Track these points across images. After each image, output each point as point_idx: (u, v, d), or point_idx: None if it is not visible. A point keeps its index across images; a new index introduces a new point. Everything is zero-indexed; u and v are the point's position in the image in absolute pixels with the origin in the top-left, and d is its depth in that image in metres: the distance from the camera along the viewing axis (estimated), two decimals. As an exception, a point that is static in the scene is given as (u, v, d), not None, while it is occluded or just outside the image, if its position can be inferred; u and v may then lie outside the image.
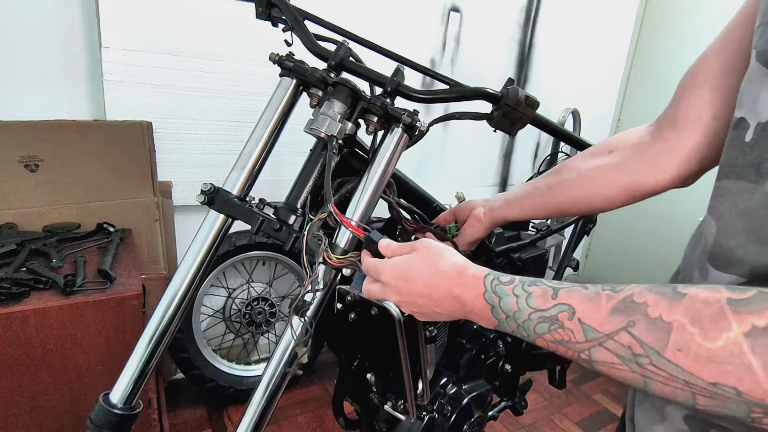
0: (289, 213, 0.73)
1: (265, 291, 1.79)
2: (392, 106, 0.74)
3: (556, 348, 0.39)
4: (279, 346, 0.71)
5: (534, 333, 0.40)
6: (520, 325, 0.42)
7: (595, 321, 0.36)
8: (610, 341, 0.34)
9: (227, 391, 1.65)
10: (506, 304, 0.43)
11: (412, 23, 1.88)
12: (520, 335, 0.43)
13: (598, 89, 2.66)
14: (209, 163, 1.57)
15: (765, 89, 0.39)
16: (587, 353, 0.36)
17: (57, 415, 1.03)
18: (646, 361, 0.32)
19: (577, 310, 0.37)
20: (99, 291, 1.02)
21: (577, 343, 0.37)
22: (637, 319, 0.33)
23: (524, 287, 0.42)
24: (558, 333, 0.38)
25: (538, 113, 0.75)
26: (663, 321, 0.32)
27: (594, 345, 0.35)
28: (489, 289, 0.45)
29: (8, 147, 1.25)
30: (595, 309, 0.36)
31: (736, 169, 0.40)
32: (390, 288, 0.54)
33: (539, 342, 0.40)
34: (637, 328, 0.33)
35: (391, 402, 0.91)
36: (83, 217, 1.34)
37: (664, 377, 0.32)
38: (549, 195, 0.70)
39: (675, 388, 0.31)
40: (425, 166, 2.13)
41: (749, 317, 0.29)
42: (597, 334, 0.35)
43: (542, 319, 0.39)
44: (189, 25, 1.44)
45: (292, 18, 0.81)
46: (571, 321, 0.37)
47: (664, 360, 0.31)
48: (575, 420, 1.84)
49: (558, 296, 0.39)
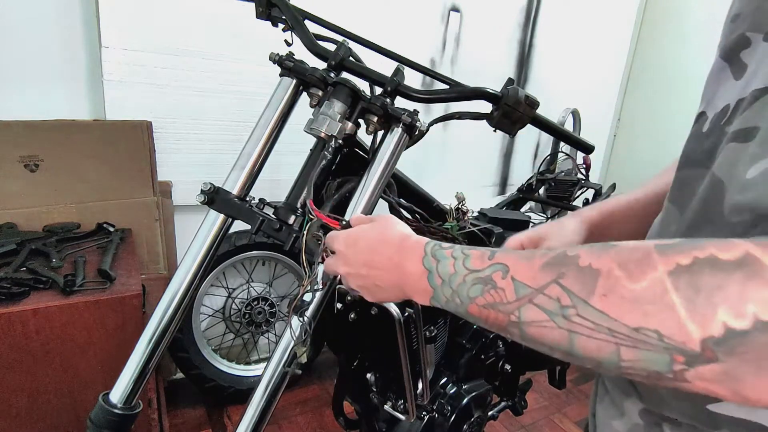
0: (288, 213, 0.73)
1: (265, 291, 1.79)
2: (392, 106, 0.74)
3: (488, 315, 0.38)
4: (279, 346, 0.71)
5: (467, 298, 0.39)
6: (455, 291, 0.41)
7: (527, 277, 0.35)
8: (539, 296, 0.34)
9: (227, 391, 1.64)
10: (443, 267, 0.42)
11: (412, 23, 1.88)
12: (453, 306, 0.41)
13: (598, 89, 2.66)
14: (209, 163, 1.57)
15: (721, 83, 0.40)
16: (517, 314, 0.35)
17: (57, 415, 1.03)
18: (572, 312, 0.32)
19: (511, 268, 0.37)
20: (99, 291, 1.02)
21: (508, 303, 0.36)
22: (567, 270, 0.33)
23: (463, 251, 0.42)
24: (490, 294, 0.37)
25: (538, 113, 0.76)
26: (592, 268, 0.32)
27: (524, 302, 0.35)
28: (428, 254, 0.45)
29: (8, 147, 1.25)
30: (528, 266, 0.36)
31: (694, 158, 0.41)
32: (340, 258, 0.54)
33: (471, 310, 0.39)
34: (566, 279, 0.33)
35: (390, 402, 0.92)
36: (83, 217, 1.34)
37: (589, 328, 0.31)
38: None
39: (599, 340, 0.31)
40: (425, 166, 2.13)
41: (675, 257, 0.29)
42: (527, 290, 0.35)
43: (477, 280, 0.39)
44: (189, 25, 1.44)
45: (292, 18, 0.81)
46: (504, 279, 0.37)
47: (590, 308, 0.31)
48: (575, 420, 1.84)
49: (494, 257, 0.39)
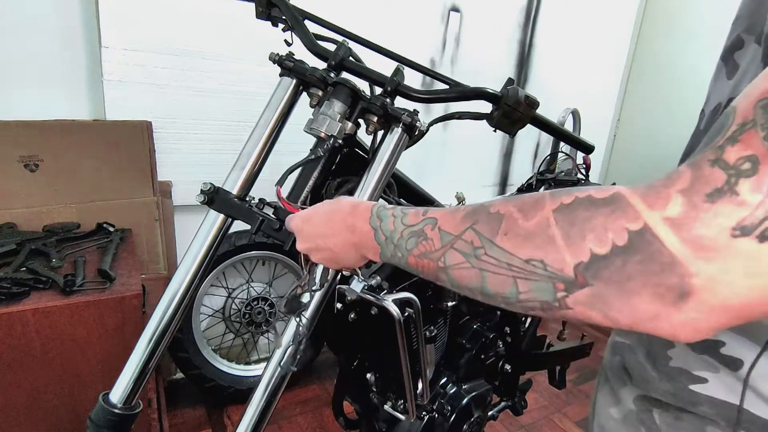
0: (288, 213, 0.73)
1: (265, 291, 1.79)
2: (392, 106, 0.74)
3: (422, 264, 0.42)
4: (278, 346, 0.71)
5: (406, 250, 0.44)
6: (396, 245, 0.45)
7: (450, 226, 0.39)
8: (458, 241, 0.38)
9: (227, 390, 1.65)
10: (386, 225, 0.47)
11: (412, 23, 1.88)
12: (396, 260, 0.46)
13: (598, 89, 2.66)
14: (209, 163, 1.57)
15: (717, 82, 0.43)
16: (443, 260, 0.39)
17: (57, 415, 1.03)
18: (481, 252, 0.36)
19: (439, 220, 0.41)
20: (99, 291, 1.01)
21: (436, 251, 0.40)
22: (480, 217, 0.37)
23: (402, 210, 0.47)
24: (422, 245, 0.42)
25: (538, 113, 0.75)
26: (499, 213, 0.36)
27: (447, 249, 0.39)
28: (374, 214, 0.49)
29: (8, 147, 1.25)
30: (452, 217, 0.40)
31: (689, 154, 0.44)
32: (300, 236, 0.58)
33: (410, 261, 0.43)
34: (479, 224, 0.37)
35: (390, 402, 0.92)
36: (83, 217, 1.34)
37: (494, 265, 0.35)
38: None
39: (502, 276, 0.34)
40: (425, 166, 2.13)
41: (560, 198, 0.33)
42: (450, 237, 0.39)
43: (412, 234, 0.43)
44: (189, 25, 1.44)
45: (292, 18, 0.81)
46: (433, 231, 0.41)
47: (495, 246, 0.35)
48: (575, 420, 1.84)
49: (427, 213, 0.43)
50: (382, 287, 0.78)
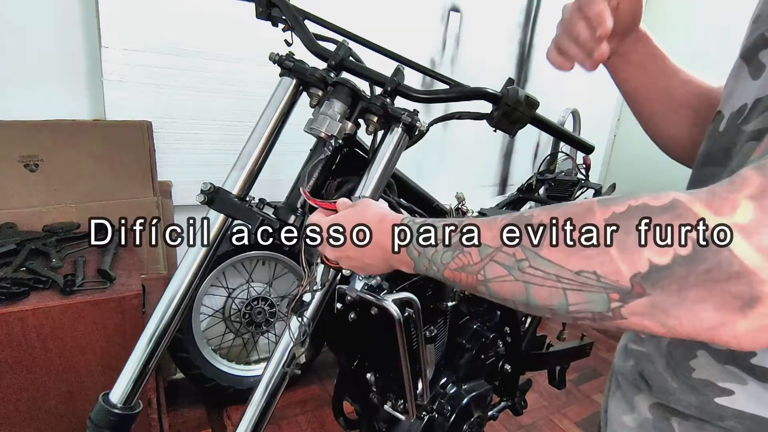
0: (288, 213, 0.73)
1: (265, 291, 1.79)
2: (392, 106, 0.74)
3: (459, 277, 0.41)
4: (278, 346, 0.71)
5: (441, 265, 0.42)
6: (430, 260, 0.44)
7: (489, 238, 0.38)
8: (499, 253, 0.37)
9: (227, 390, 1.64)
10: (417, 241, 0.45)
11: (412, 23, 1.88)
12: (432, 273, 0.44)
13: (598, 89, 2.64)
14: (209, 163, 1.57)
15: (738, 82, 0.42)
16: (482, 273, 0.38)
17: (57, 415, 1.03)
18: (525, 264, 0.35)
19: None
20: (99, 291, 1.02)
21: (474, 264, 0.39)
22: (521, 228, 0.36)
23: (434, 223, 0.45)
24: (459, 258, 0.40)
25: (538, 113, 0.76)
26: (542, 223, 0.35)
27: (487, 262, 0.38)
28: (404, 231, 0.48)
29: (8, 147, 1.25)
30: (490, 228, 0.39)
31: (711, 156, 0.43)
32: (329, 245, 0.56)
33: (447, 274, 0.42)
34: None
35: (390, 402, 0.91)
36: (83, 217, 1.34)
37: (540, 278, 0.34)
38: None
39: (550, 287, 0.33)
40: (425, 166, 2.13)
41: (612, 207, 0.32)
42: (489, 250, 0.38)
43: (447, 248, 0.42)
44: (189, 25, 1.44)
45: (292, 18, 0.81)
46: (470, 244, 0.40)
47: (540, 258, 0.34)
48: (575, 420, 1.84)
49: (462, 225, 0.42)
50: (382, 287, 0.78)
